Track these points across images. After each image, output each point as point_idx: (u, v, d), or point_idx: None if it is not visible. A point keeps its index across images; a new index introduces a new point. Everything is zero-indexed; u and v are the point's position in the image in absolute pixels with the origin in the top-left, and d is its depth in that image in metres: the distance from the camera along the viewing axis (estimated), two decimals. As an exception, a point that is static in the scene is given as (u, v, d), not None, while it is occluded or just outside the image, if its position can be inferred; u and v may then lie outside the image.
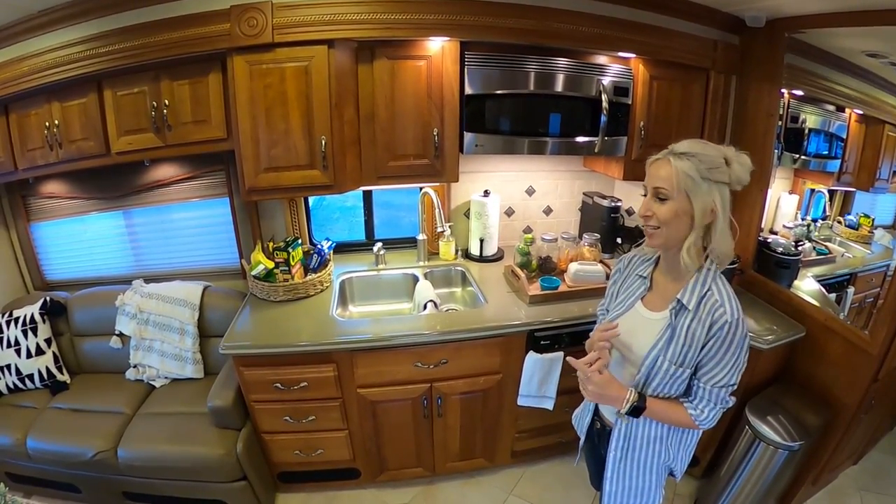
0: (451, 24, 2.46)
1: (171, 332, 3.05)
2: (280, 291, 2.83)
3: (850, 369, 2.59)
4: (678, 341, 1.63)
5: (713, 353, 1.59)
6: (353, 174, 2.72)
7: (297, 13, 2.36)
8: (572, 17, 2.60)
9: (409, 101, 2.64)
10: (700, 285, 1.62)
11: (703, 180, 1.51)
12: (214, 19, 2.37)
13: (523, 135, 2.79)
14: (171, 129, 2.62)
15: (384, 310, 3.18)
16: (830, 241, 3.08)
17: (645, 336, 1.72)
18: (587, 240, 3.15)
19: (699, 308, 1.61)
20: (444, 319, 2.69)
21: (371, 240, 3.50)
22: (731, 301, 1.58)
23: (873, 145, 2.69)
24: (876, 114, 2.65)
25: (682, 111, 3.02)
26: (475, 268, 3.27)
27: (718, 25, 2.96)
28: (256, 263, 2.84)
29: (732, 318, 1.55)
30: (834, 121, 2.89)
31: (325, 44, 2.41)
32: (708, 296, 1.60)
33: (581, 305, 2.79)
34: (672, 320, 1.65)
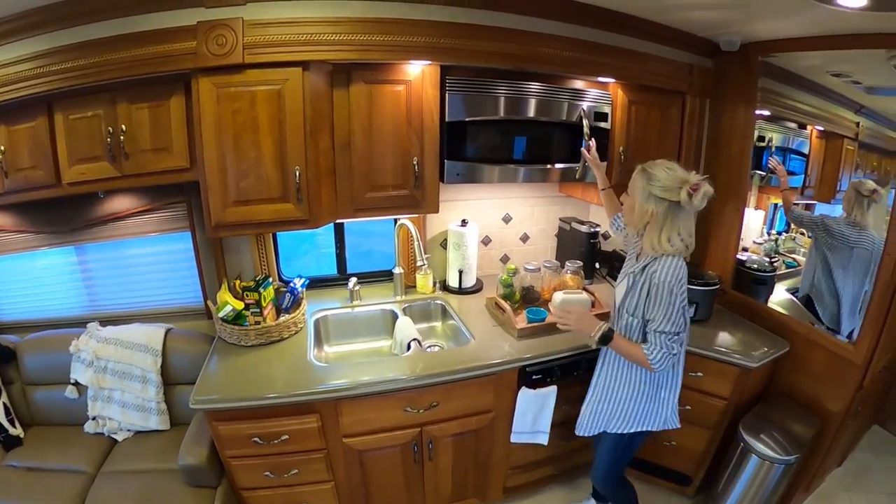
0: (433, 47, 2.30)
1: (131, 381, 2.72)
2: (252, 335, 2.55)
3: (835, 379, 2.64)
4: (633, 297, 2.16)
5: (651, 304, 2.09)
6: (329, 207, 2.51)
7: (271, 32, 2.14)
8: (555, 41, 2.49)
9: (387, 128, 2.46)
10: (646, 259, 2.15)
11: (645, 191, 2.05)
12: (179, 36, 2.11)
13: (504, 162, 2.67)
14: (129, 158, 2.32)
15: (363, 349, 2.96)
16: (795, 252, 3.17)
17: (619, 297, 2.29)
18: (570, 267, 3.04)
19: (645, 273, 2.12)
20: (432, 360, 2.48)
21: (344, 274, 3.27)
22: (665, 269, 2.06)
23: (833, 159, 2.82)
24: (835, 129, 2.79)
25: (660, 135, 2.96)
26: (455, 300, 3.09)
27: (694, 49, 2.93)
28: (223, 304, 2.55)
29: (660, 279, 2.05)
30: (796, 137, 3.01)
31: (299, 65, 2.19)
32: (651, 264, 2.11)
33: (570, 337, 2.63)
34: (628, 284, 2.20)
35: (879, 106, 2.57)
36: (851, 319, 2.67)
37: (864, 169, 2.69)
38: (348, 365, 2.49)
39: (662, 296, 2.05)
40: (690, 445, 2.84)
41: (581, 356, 2.62)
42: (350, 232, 3.23)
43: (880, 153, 2.65)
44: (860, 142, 2.68)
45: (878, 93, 2.57)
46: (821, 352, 2.70)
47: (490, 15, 2.37)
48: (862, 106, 2.63)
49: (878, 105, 2.57)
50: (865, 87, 2.60)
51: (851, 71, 2.58)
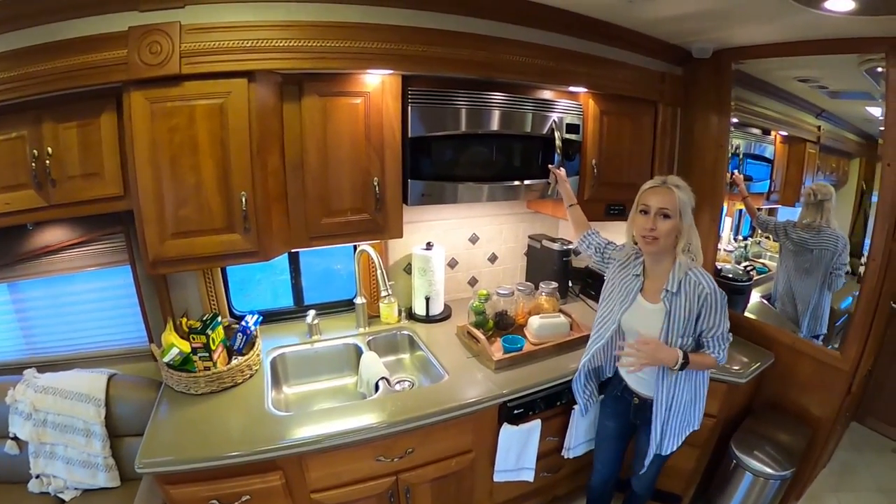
0: (394, 54, 2.06)
1: (75, 435, 2.34)
2: (202, 383, 2.21)
3: (822, 387, 2.63)
4: (677, 319, 2.02)
5: (708, 317, 2.00)
6: (281, 235, 2.21)
7: (212, 38, 1.85)
8: (526, 48, 2.29)
9: (344, 146, 2.18)
10: (678, 274, 2.01)
11: (688, 205, 1.98)
12: (108, 44, 1.81)
13: (473, 180, 2.43)
14: (56, 185, 1.99)
15: (326, 387, 2.63)
16: (761, 256, 3.21)
17: (653, 322, 2.07)
18: (544, 289, 2.81)
19: (684, 290, 2.00)
20: (404, 402, 2.18)
21: (301, 305, 2.93)
22: (705, 278, 2.00)
23: (796, 163, 2.86)
24: (798, 133, 2.83)
25: (632, 146, 2.80)
26: (422, 330, 2.81)
27: (665, 57, 2.79)
28: (169, 347, 2.20)
29: (710, 288, 1.98)
30: (760, 143, 3.00)
31: (244, 76, 1.91)
32: (687, 279, 2.00)
33: (550, 365, 2.45)
34: (667, 306, 2.03)
35: (839, 109, 2.62)
36: (812, 324, 2.72)
37: (825, 171, 2.74)
38: (310, 413, 2.18)
39: (718, 302, 2.00)
40: (679, 465, 2.65)
41: (564, 385, 2.39)
42: (307, 251, 2.89)
43: (838, 154, 2.72)
44: (821, 145, 2.72)
45: (842, 97, 2.61)
46: (806, 360, 2.67)
47: (457, 20, 2.15)
48: (822, 110, 2.67)
49: (838, 108, 2.61)
50: (830, 92, 2.62)
51: (820, 76, 2.60)
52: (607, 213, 2.83)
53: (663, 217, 1.96)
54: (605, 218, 2.83)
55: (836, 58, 2.40)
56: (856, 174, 2.62)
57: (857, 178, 2.61)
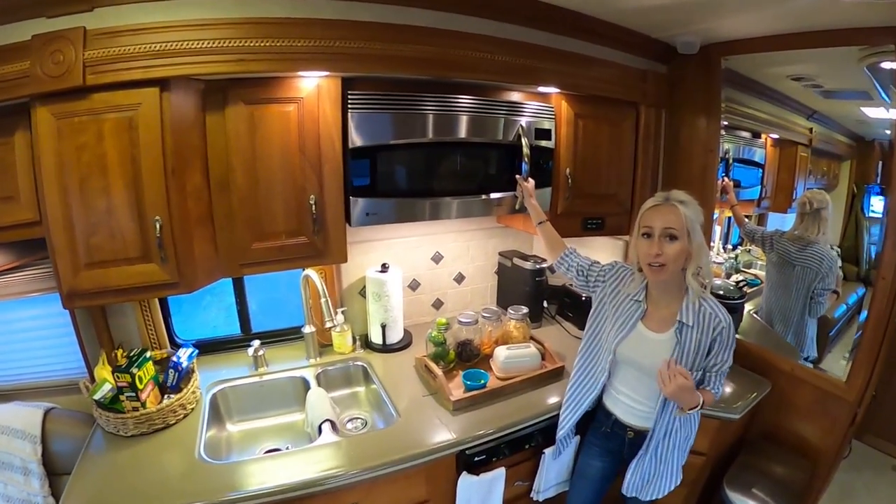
0: (329, 53, 1.76)
1: (13, 473, 2.10)
2: (130, 425, 1.93)
3: (824, 417, 2.39)
4: (688, 353, 1.80)
5: (720, 353, 1.81)
6: (206, 264, 1.92)
7: (119, 43, 1.59)
8: (483, 43, 1.99)
9: (275, 160, 1.89)
10: (692, 304, 1.80)
11: (696, 222, 1.74)
12: (14, 56, 1.58)
13: (428, 195, 2.12)
14: (-29, 210, 1.72)
15: (273, 424, 2.33)
16: (752, 266, 3.02)
17: (658, 353, 1.81)
18: (513, 315, 2.50)
19: (697, 321, 1.79)
20: (349, 449, 1.87)
21: (248, 333, 2.63)
22: (721, 310, 1.81)
23: (788, 167, 2.72)
24: (790, 136, 2.68)
25: (611, 152, 2.50)
26: (379, 361, 2.49)
27: (647, 53, 2.50)
28: (102, 382, 1.94)
29: (727, 322, 1.79)
30: (750, 147, 2.83)
31: (155, 84, 1.64)
32: (702, 311, 1.79)
33: (519, 404, 2.14)
34: (679, 338, 1.80)
35: (832, 110, 2.48)
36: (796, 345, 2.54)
37: (816, 174, 2.62)
38: (242, 464, 1.88)
39: (732, 337, 1.82)
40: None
41: (533, 427, 2.09)
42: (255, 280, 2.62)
43: (829, 157, 2.60)
44: (813, 147, 2.58)
45: (836, 96, 2.47)
46: (807, 389, 2.42)
47: (399, 11, 1.87)
48: (814, 111, 2.52)
49: (831, 109, 2.48)
50: (823, 92, 2.47)
51: (815, 73, 2.40)
52: (584, 227, 2.53)
53: (669, 239, 1.72)
54: (582, 233, 2.54)
55: (835, 52, 2.16)
56: (847, 177, 2.48)
57: (848, 180, 2.47)
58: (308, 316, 2.45)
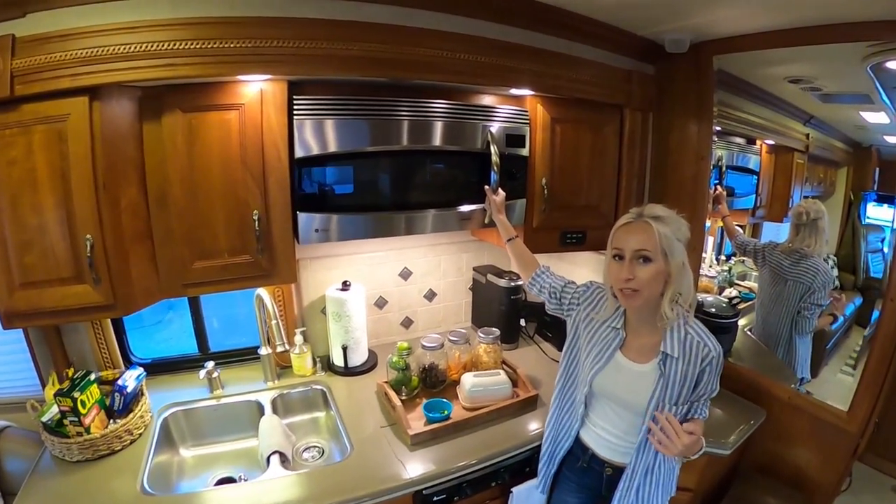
0: (270, 54, 1.58)
1: None
2: (75, 450, 1.80)
3: (824, 448, 2.21)
4: (673, 386, 1.61)
5: (709, 383, 1.62)
6: (145, 284, 1.75)
7: (49, 50, 1.45)
8: (445, 40, 1.79)
9: (214, 172, 1.71)
10: (676, 332, 1.61)
11: (677, 241, 1.54)
12: None
13: (386, 209, 1.93)
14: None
15: (229, 450, 2.17)
16: (747, 277, 2.84)
17: (639, 386, 1.65)
18: (483, 338, 2.29)
19: (684, 351, 1.60)
20: (294, 488, 1.70)
21: (206, 352, 2.46)
22: (709, 338, 1.62)
23: (784, 174, 2.56)
24: (786, 142, 2.55)
25: (593, 160, 2.29)
26: (340, 385, 2.30)
27: (631, 52, 2.28)
28: (51, 404, 1.84)
29: (716, 352, 1.60)
30: (745, 154, 2.67)
31: (84, 93, 1.50)
32: (688, 339, 1.60)
33: (485, 437, 1.95)
34: (662, 370, 1.61)
35: (829, 115, 2.34)
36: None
37: (812, 182, 2.49)
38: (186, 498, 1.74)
39: (721, 365, 1.63)
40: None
41: (500, 465, 1.91)
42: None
43: (826, 164, 2.48)
44: (810, 154, 2.45)
45: (835, 100, 2.30)
46: (805, 418, 2.23)
47: (352, 7, 1.67)
48: (811, 116, 2.38)
49: (829, 114, 2.34)
50: (822, 95, 2.30)
51: (815, 75, 2.22)
52: (563, 242, 2.32)
53: (642, 261, 1.52)
54: (561, 248, 2.34)
55: (836, 52, 1.99)
56: (843, 184, 2.38)
57: (844, 188, 2.37)
58: (264, 337, 2.27)
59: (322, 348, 2.47)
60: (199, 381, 2.25)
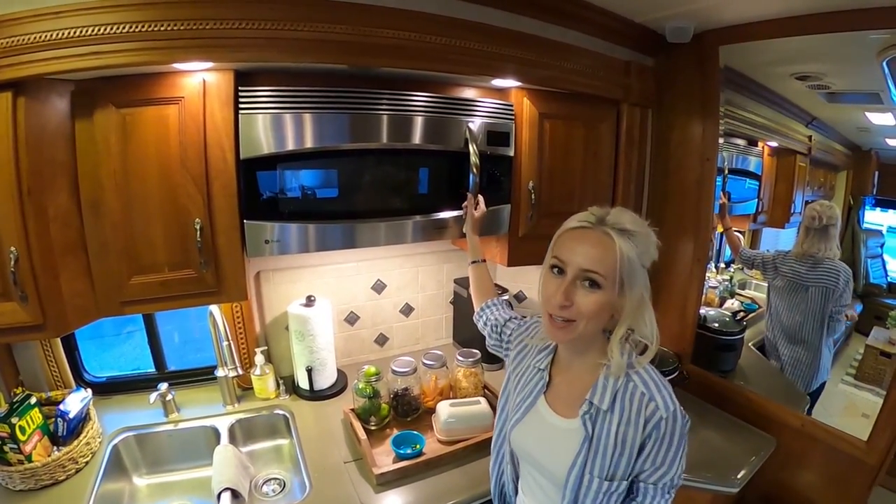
0: (207, 37, 1.37)
1: None
2: (16, 479, 1.65)
3: (838, 479, 2.01)
4: (605, 451, 1.18)
5: (654, 455, 1.17)
6: (79, 302, 1.55)
7: None
8: (416, 21, 1.57)
9: (151, 176, 1.51)
10: (610, 378, 1.20)
11: (641, 267, 1.16)
12: None
13: (348, 217, 1.70)
14: None
15: (184, 479, 1.97)
16: (747, 285, 2.71)
17: (560, 448, 1.25)
18: (462, 360, 2.07)
19: (622, 406, 1.18)
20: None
21: (163, 371, 2.25)
22: (660, 389, 1.17)
23: (786, 178, 2.47)
24: (789, 144, 2.44)
25: (586, 161, 2.07)
26: (305, 410, 2.08)
27: (630, 42, 2.08)
28: None
29: (668, 412, 1.14)
30: (745, 156, 2.53)
31: (7, 88, 1.31)
32: (630, 389, 1.18)
33: (463, 476, 1.73)
34: (588, 429, 1.20)
35: (832, 116, 2.26)
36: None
37: (813, 186, 2.42)
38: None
39: (676, 434, 1.16)
40: None
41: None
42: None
43: (826, 168, 2.40)
44: (812, 157, 2.37)
45: (842, 100, 2.19)
46: (819, 448, 2.02)
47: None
48: (814, 118, 2.29)
49: (832, 116, 2.26)
50: (828, 94, 2.19)
51: (825, 71, 2.08)
52: (552, 254, 2.10)
53: (589, 285, 1.13)
54: (549, 261, 2.12)
55: (852, 46, 1.86)
56: (843, 188, 2.31)
57: (844, 192, 2.30)
58: (220, 358, 2.04)
59: (287, 368, 2.25)
60: (154, 403, 2.02)
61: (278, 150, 1.56)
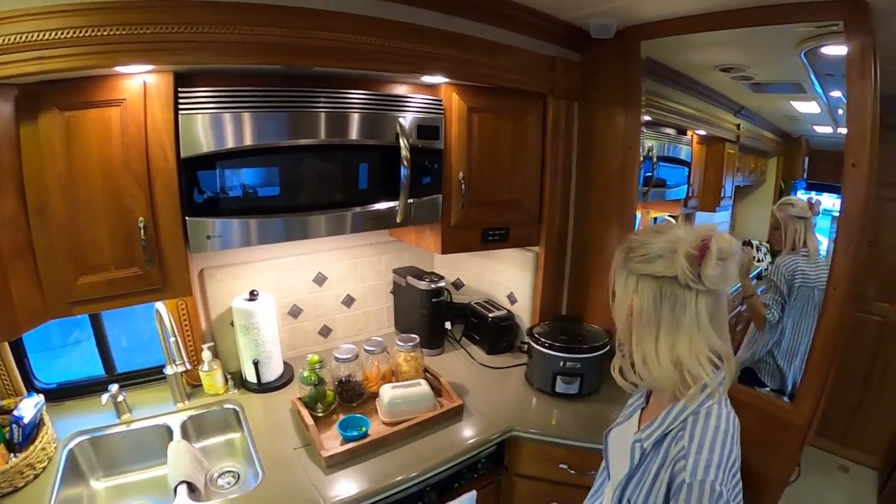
0: (146, 41, 1.51)
1: None
2: None
3: (770, 443, 2.14)
4: (644, 484, 1.19)
5: None
6: (29, 305, 1.67)
7: None
8: (349, 23, 1.74)
9: (95, 178, 1.64)
10: (671, 417, 1.17)
11: (621, 268, 1.23)
12: None
13: (288, 211, 1.87)
14: None
15: (141, 479, 2.10)
16: None
17: (624, 460, 1.29)
18: (402, 346, 2.28)
19: (667, 449, 1.15)
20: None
21: (112, 374, 2.37)
22: (700, 451, 1.08)
23: (715, 165, 2.66)
24: (717, 132, 2.64)
25: (514, 153, 2.29)
26: (255, 403, 2.25)
27: (556, 39, 2.29)
28: None
29: (692, 478, 1.04)
30: (674, 144, 2.74)
31: None
32: (679, 437, 1.13)
33: (408, 454, 1.93)
34: (635, 458, 1.23)
35: (760, 105, 2.45)
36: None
37: (743, 171, 2.61)
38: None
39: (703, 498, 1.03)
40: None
41: (425, 483, 1.89)
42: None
43: (757, 154, 2.61)
44: (741, 144, 2.56)
45: (767, 90, 2.40)
46: (750, 413, 2.04)
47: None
48: (742, 107, 2.49)
49: (759, 104, 2.45)
50: (753, 85, 2.38)
51: (746, 63, 2.27)
52: (485, 239, 2.33)
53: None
54: (483, 246, 2.35)
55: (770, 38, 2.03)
56: (774, 174, 2.53)
57: (775, 177, 2.52)
58: (168, 356, 2.19)
59: (235, 364, 2.41)
60: (106, 406, 2.14)
61: (218, 149, 1.72)
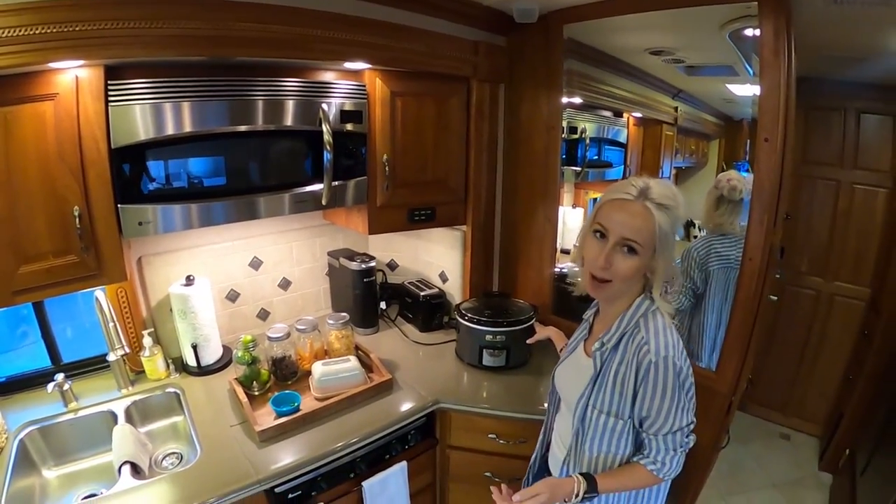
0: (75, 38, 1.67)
1: None
2: None
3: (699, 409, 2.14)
4: (606, 387, 1.52)
5: (647, 402, 1.46)
6: (-28, 295, 1.86)
7: None
8: (268, 13, 1.94)
9: (32, 169, 1.82)
10: (626, 322, 1.52)
11: (672, 233, 1.46)
12: None
13: (216, 196, 2.08)
14: None
15: (91, 466, 2.29)
16: None
17: (577, 382, 1.63)
18: (333, 324, 2.51)
19: (625, 347, 1.50)
20: (146, 496, 1.85)
21: (59, 364, 2.57)
22: (657, 337, 1.46)
23: (653, 146, 2.85)
24: (654, 115, 2.82)
25: (438, 135, 2.52)
26: (196, 386, 2.47)
27: (480, 24, 2.52)
28: None
29: (657, 357, 1.42)
30: (612, 126, 2.98)
31: None
32: (634, 333, 1.49)
33: (338, 427, 2.17)
34: (597, 365, 1.55)
35: (697, 89, 2.63)
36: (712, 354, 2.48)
37: (684, 153, 2.74)
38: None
39: (668, 382, 1.43)
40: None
41: (354, 455, 2.13)
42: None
43: (698, 137, 2.75)
44: (679, 126, 2.71)
45: (701, 73, 2.61)
46: None
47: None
48: (679, 91, 2.65)
49: (696, 88, 2.63)
50: (686, 68, 2.59)
51: (675, 46, 2.48)
52: (412, 219, 2.57)
53: (627, 251, 1.44)
54: (410, 226, 2.59)
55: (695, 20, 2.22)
56: (715, 155, 2.65)
57: (717, 159, 2.64)
58: (110, 342, 2.36)
59: (176, 349, 2.62)
60: (53, 396, 2.34)
61: (147, 138, 1.91)
